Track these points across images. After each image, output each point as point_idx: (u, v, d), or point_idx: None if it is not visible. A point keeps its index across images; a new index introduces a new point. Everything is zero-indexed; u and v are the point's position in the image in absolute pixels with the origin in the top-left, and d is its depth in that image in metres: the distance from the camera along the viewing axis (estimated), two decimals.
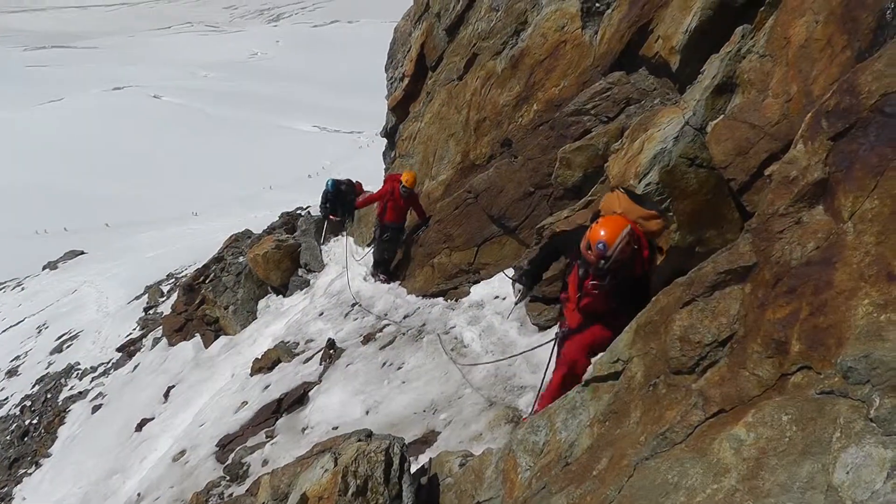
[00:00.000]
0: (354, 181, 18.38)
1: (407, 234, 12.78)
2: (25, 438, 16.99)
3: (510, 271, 5.46)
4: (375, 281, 13.29)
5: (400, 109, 14.32)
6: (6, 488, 14.49)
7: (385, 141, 16.24)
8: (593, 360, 4.27)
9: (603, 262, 4.97)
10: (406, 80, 13.61)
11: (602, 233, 4.99)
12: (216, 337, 16.01)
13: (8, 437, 17.73)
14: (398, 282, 12.54)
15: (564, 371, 5.55)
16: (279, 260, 16.24)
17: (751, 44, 5.01)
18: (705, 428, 2.86)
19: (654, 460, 2.94)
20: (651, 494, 2.79)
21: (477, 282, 10.17)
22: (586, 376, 4.00)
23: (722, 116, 5.10)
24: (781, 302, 2.84)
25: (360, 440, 5.34)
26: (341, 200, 17.59)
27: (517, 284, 5.61)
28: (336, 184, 17.64)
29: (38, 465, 14.91)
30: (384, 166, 16.28)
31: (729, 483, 2.51)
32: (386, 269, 13.02)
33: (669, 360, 3.34)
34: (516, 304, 5.79)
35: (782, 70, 4.56)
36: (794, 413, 2.50)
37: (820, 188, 2.90)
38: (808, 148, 2.97)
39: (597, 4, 7.64)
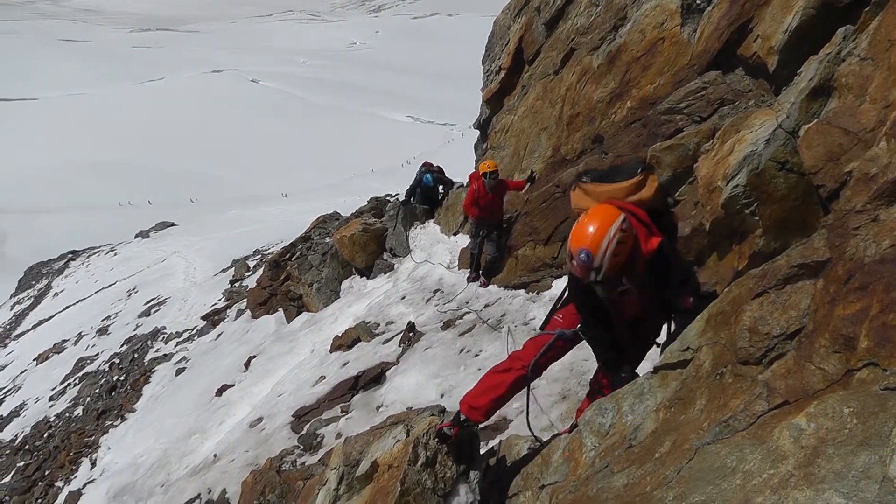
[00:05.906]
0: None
1: (504, 235, 12.24)
2: (113, 393, 18.04)
3: None
4: (460, 269, 13.40)
5: (494, 102, 14.40)
6: (94, 437, 15.41)
7: (477, 133, 16.34)
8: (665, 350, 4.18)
9: (594, 274, 3.98)
10: (502, 73, 13.68)
11: (583, 235, 3.97)
12: (298, 313, 16.52)
13: (97, 391, 18.83)
14: (489, 283, 12.15)
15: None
16: (365, 243, 16.56)
17: (852, 46, 4.87)
18: (768, 418, 2.89)
19: (714, 445, 2.99)
20: (708, 476, 2.84)
21: (559, 276, 10.18)
22: (656, 363, 4.01)
23: (815, 121, 4.99)
24: (852, 298, 2.84)
25: (433, 415, 5.50)
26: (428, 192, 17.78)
27: None
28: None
29: (123, 418, 15.78)
30: (475, 157, 16.38)
31: (785, 469, 2.54)
32: (477, 266, 12.54)
33: (737, 350, 3.36)
34: None
35: (883, 74, 4.42)
36: (856, 406, 2.51)
37: None
38: (891, 146, 2.95)
39: (697, 2, 7.55)
